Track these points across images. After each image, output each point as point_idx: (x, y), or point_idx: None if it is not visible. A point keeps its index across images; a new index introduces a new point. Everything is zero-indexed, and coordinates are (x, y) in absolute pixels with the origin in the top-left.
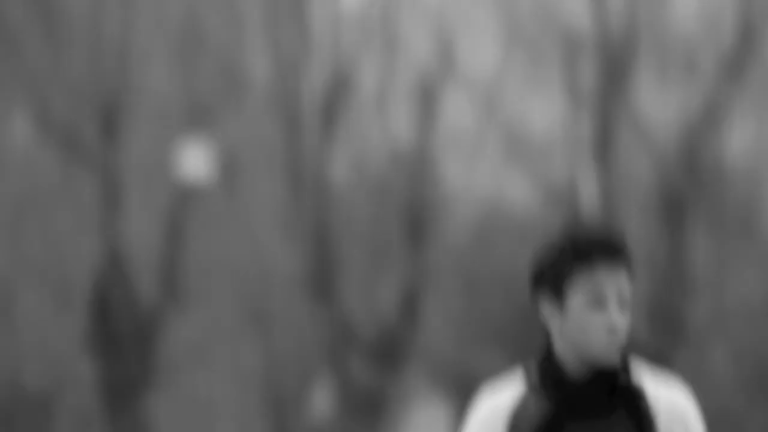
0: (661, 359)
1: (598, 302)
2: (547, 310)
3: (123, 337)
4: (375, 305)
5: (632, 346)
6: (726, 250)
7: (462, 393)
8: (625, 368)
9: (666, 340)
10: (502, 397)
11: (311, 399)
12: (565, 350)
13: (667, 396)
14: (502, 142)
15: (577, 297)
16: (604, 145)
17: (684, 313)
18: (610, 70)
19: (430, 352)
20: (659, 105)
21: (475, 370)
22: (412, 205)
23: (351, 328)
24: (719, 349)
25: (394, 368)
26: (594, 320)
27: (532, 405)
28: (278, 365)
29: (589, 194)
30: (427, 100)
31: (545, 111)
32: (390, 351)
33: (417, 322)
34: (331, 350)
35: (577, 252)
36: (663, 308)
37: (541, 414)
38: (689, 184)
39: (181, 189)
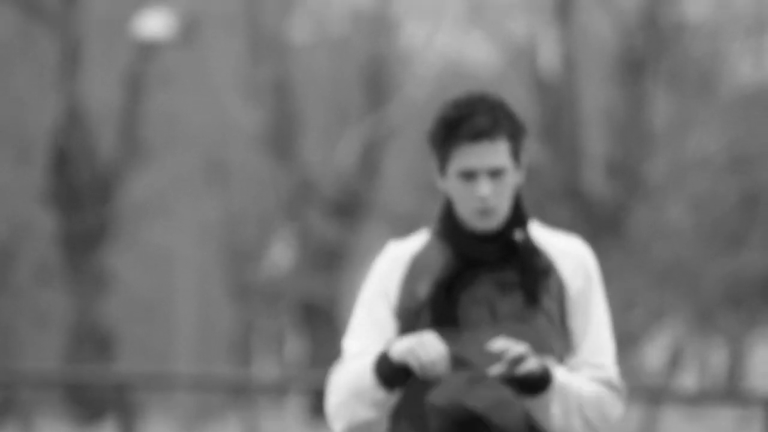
0: (620, 212)
1: (468, 175)
2: (436, 173)
3: (82, 190)
4: (334, 160)
5: (589, 201)
6: (685, 107)
7: None
8: (520, 223)
9: (625, 194)
10: (406, 245)
11: (270, 252)
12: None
13: (567, 246)
14: (463, 1)
15: (451, 167)
16: (564, 5)
17: (643, 167)
18: None
19: (389, 206)
20: None
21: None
22: (372, 63)
23: (310, 182)
24: (677, 202)
25: (353, 222)
26: (464, 192)
27: (433, 252)
28: (237, 218)
29: (548, 52)
30: None
31: None
32: (349, 205)
33: (376, 176)
34: (291, 204)
35: (444, 129)
36: (622, 163)
37: (440, 260)
38: (649, 42)
39: (141, 46)
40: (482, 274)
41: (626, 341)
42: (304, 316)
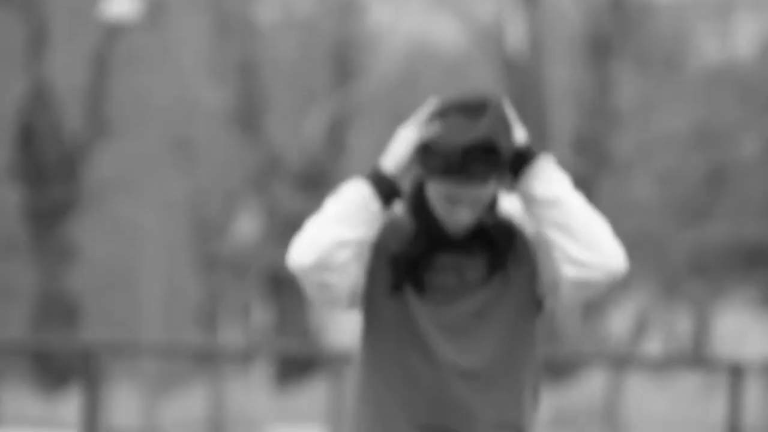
0: (587, 187)
1: (451, 199)
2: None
3: (49, 166)
4: (301, 135)
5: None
6: (651, 85)
7: None
8: (491, 208)
9: (591, 169)
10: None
11: (236, 224)
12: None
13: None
14: None
15: (433, 185)
16: None
17: (609, 143)
18: None
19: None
20: None
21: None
22: (339, 44)
23: (277, 157)
24: (643, 177)
25: (319, 195)
26: (443, 205)
27: (405, 224)
28: (204, 192)
29: (516, 33)
30: None
31: None
32: (315, 178)
33: (342, 151)
34: (257, 178)
35: (436, 163)
36: (589, 140)
37: (410, 233)
38: (616, 23)
39: (108, 26)
40: (449, 245)
41: (592, 308)
42: (271, 287)
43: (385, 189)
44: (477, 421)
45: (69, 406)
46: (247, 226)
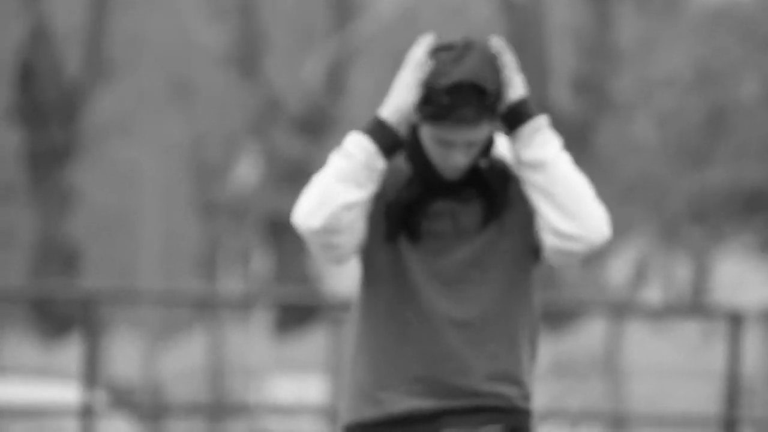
0: (587, 128)
1: (444, 143)
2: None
3: (48, 108)
4: (300, 78)
5: (556, 117)
6: (652, 25)
7: None
8: (485, 152)
9: (592, 111)
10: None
11: (236, 169)
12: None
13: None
14: None
15: (427, 129)
16: None
17: (609, 84)
18: None
19: (355, 122)
20: None
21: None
22: None
23: (276, 100)
24: (644, 118)
25: (319, 138)
26: (437, 149)
27: (403, 170)
28: (203, 136)
29: None
30: None
31: None
32: (315, 122)
33: (342, 93)
34: (257, 122)
35: (427, 108)
36: (589, 80)
37: (407, 179)
38: None
39: None
40: (444, 191)
41: (591, 256)
42: (270, 233)
43: (387, 141)
44: (471, 373)
45: (69, 355)
46: (246, 171)
